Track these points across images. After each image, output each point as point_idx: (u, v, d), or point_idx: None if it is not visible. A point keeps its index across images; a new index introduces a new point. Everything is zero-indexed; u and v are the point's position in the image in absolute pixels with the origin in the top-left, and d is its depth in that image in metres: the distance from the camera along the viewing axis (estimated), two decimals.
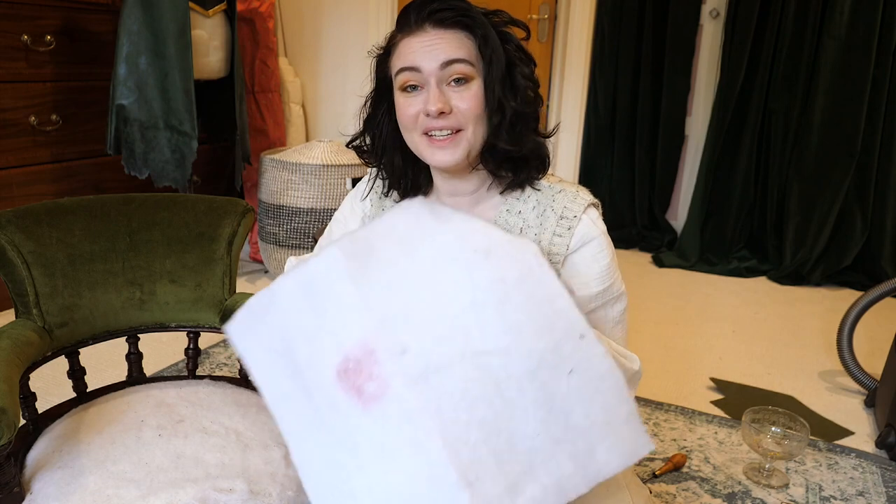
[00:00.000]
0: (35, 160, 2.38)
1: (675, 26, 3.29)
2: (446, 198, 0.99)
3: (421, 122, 0.89)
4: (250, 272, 2.94)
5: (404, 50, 0.89)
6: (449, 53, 0.86)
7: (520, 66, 0.90)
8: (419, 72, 0.87)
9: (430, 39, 0.87)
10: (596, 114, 3.55)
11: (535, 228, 0.94)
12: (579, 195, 0.94)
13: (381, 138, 0.98)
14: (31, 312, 1.13)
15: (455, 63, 0.86)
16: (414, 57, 0.87)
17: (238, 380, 1.27)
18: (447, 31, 0.87)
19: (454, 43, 0.87)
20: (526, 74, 0.91)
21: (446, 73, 0.87)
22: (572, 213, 0.92)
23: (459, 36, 0.87)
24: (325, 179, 2.60)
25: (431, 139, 0.89)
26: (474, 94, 0.88)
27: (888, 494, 1.55)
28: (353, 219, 1.10)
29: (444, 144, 0.88)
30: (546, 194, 0.95)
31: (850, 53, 2.93)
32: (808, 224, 3.13)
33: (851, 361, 2.01)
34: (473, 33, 0.88)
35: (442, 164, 0.90)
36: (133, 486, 0.90)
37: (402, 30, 0.90)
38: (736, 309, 2.77)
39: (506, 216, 0.96)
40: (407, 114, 0.90)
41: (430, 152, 0.90)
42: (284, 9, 3.26)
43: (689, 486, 1.54)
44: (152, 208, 1.25)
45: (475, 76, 0.88)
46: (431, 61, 0.86)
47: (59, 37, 2.37)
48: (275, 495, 0.93)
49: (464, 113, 0.88)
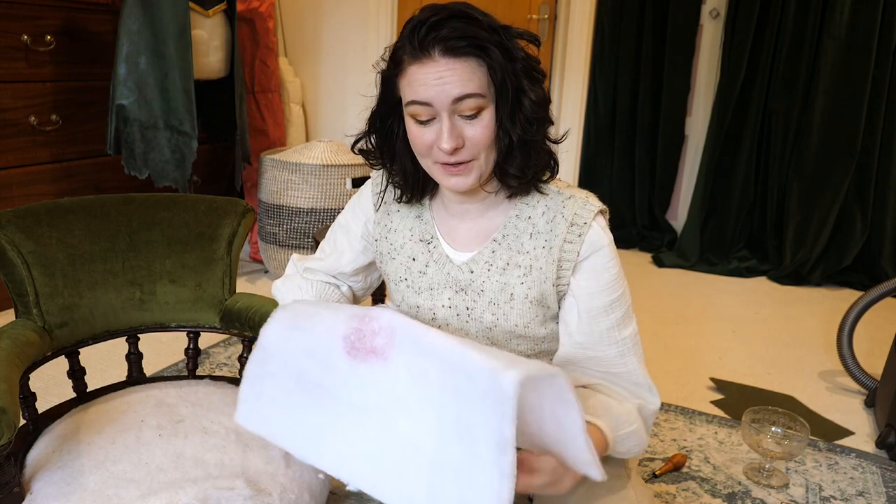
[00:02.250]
0: (35, 160, 2.38)
1: (675, 26, 3.29)
2: (456, 205, 0.99)
3: (435, 153, 0.88)
4: (250, 272, 2.94)
5: (414, 79, 0.86)
6: (461, 88, 0.84)
7: (527, 91, 0.88)
8: (431, 106, 0.86)
9: (440, 72, 0.84)
10: (596, 114, 3.55)
11: (544, 234, 0.94)
12: (589, 202, 0.94)
13: (390, 144, 0.97)
14: (31, 312, 1.13)
15: (468, 98, 0.85)
16: (425, 90, 0.85)
17: (238, 380, 1.27)
18: (457, 61, 0.84)
19: (465, 75, 0.84)
20: (534, 100, 0.88)
21: (458, 106, 0.85)
22: (583, 220, 0.92)
23: (471, 66, 0.84)
24: (325, 179, 2.60)
25: (445, 167, 0.89)
26: (486, 124, 0.87)
27: (888, 494, 1.55)
28: (355, 223, 1.10)
29: (457, 171, 0.89)
30: (555, 200, 0.95)
31: (850, 53, 2.93)
32: (808, 224, 3.13)
33: (851, 361, 2.01)
34: (484, 61, 0.85)
35: (455, 189, 0.91)
36: (133, 486, 0.90)
37: (409, 51, 0.86)
38: (736, 309, 2.77)
39: (515, 221, 0.96)
40: (420, 143, 0.89)
41: (444, 178, 0.90)
42: (284, 9, 3.26)
43: (689, 486, 1.54)
44: (152, 208, 1.25)
45: (487, 105, 0.86)
46: (443, 96, 0.84)
47: (59, 37, 2.37)
48: (275, 495, 0.93)
49: (475, 143, 0.87)
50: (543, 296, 0.94)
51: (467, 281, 0.97)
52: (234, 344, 2.17)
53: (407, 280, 1.02)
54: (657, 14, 3.33)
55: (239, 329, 1.25)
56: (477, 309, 0.97)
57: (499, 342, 0.98)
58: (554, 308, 0.97)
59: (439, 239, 1.01)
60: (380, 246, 1.06)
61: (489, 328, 0.97)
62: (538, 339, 0.98)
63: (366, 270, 1.13)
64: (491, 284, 0.96)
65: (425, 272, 1.01)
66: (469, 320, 0.98)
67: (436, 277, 1.00)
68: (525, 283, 0.94)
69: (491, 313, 0.96)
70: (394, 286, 1.06)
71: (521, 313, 0.95)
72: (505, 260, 0.95)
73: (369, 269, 1.14)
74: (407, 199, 1.02)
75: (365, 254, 1.10)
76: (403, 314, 0.79)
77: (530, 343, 0.98)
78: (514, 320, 0.96)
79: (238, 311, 1.24)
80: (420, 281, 1.01)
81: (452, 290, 0.98)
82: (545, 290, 0.94)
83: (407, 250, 1.03)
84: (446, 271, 0.99)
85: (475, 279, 0.97)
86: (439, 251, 1.00)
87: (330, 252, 1.13)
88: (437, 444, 0.72)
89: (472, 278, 0.97)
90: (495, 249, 0.96)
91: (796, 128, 3.10)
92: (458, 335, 0.98)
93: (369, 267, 1.13)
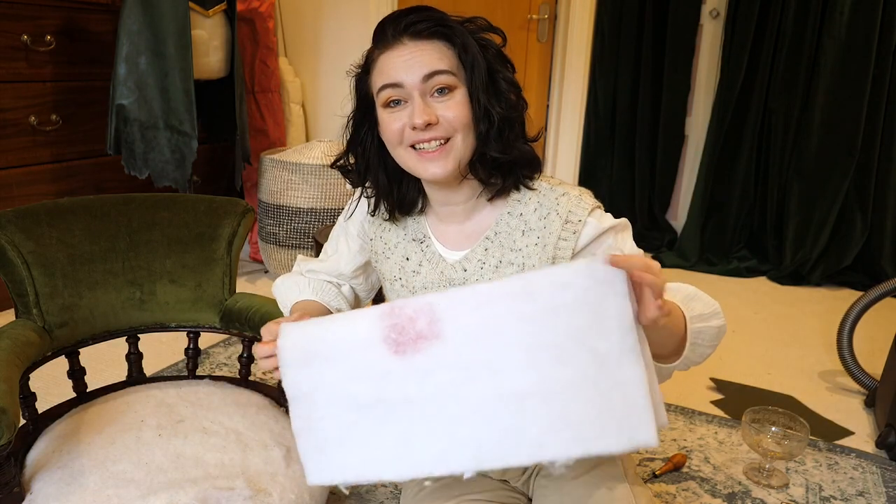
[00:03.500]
0: (35, 160, 2.38)
1: (675, 26, 3.29)
2: (440, 208, 0.99)
3: (407, 136, 0.88)
4: (250, 272, 2.94)
5: (384, 66, 0.88)
6: (430, 65, 0.86)
7: (501, 72, 0.90)
8: (401, 87, 0.87)
9: (410, 52, 0.86)
10: (596, 114, 3.55)
11: (537, 231, 0.93)
12: (582, 199, 0.93)
13: (364, 157, 0.97)
14: (31, 312, 1.13)
15: (437, 74, 0.86)
16: (395, 72, 0.86)
17: (238, 380, 1.27)
18: (425, 43, 0.87)
19: (434, 54, 0.86)
20: (508, 79, 0.90)
21: (429, 84, 0.86)
22: (577, 217, 0.91)
23: (438, 46, 0.87)
24: (325, 179, 2.60)
25: (420, 153, 0.88)
26: (459, 102, 0.87)
27: (888, 494, 1.55)
28: (352, 223, 1.10)
29: (434, 156, 0.88)
30: (548, 196, 0.94)
31: (850, 53, 2.92)
32: (808, 224, 3.13)
33: (851, 361, 2.01)
34: (452, 42, 0.87)
35: (433, 177, 0.90)
36: (133, 486, 0.90)
37: (379, 45, 0.89)
38: (736, 309, 2.77)
39: (507, 219, 0.96)
40: (392, 129, 0.89)
41: (421, 166, 0.89)
42: (284, 9, 3.26)
43: (689, 486, 1.54)
44: (152, 208, 1.25)
45: (458, 85, 0.88)
46: (413, 75, 0.86)
47: (59, 37, 2.37)
48: (275, 495, 0.93)
49: (451, 122, 0.87)
50: None
51: (460, 279, 0.97)
52: (234, 344, 2.17)
53: (401, 279, 1.03)
54: (657, 14, 3.33)
55: (239, 329, 1.25)
56: None
57: None
58: None
59: (432, 238, 1.01)
60: (374, 245, 1.07)
61: None
62: None
63: (365, 271, 1.14)
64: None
65: (419, 271, 1.01)
66: None
67: (429, 276, 1.00)
68: None
69: None
70: (389, 286, 1.06)
71: None
72: (497, 258, 0.95)
73: (368, 269, 1.14)
74: (386, 216, 1.01)
75: (362, 253, 1.10)
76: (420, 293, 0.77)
77: None
78: None
79: (238, 311, 1.24)
80: (414, 280, 1.01)
81: (446, 289, 0.99)
82: None
83: (401, 249, 1.03)
84: (440, 270, 0.99)
85: (468, 277, 0.97)
86: (432, 250, 1.00)
87: (332, 253, 1.13)
88: (541, 376, 0.69)
89: (465, 276, 0.97)
90: (488, 247, 0.96)
91: (796, 128, 3.10)
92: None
93: (368, 267, 1.13)
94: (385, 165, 0.97)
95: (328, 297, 1.09)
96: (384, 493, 1.44)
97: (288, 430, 1.08)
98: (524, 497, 1.07)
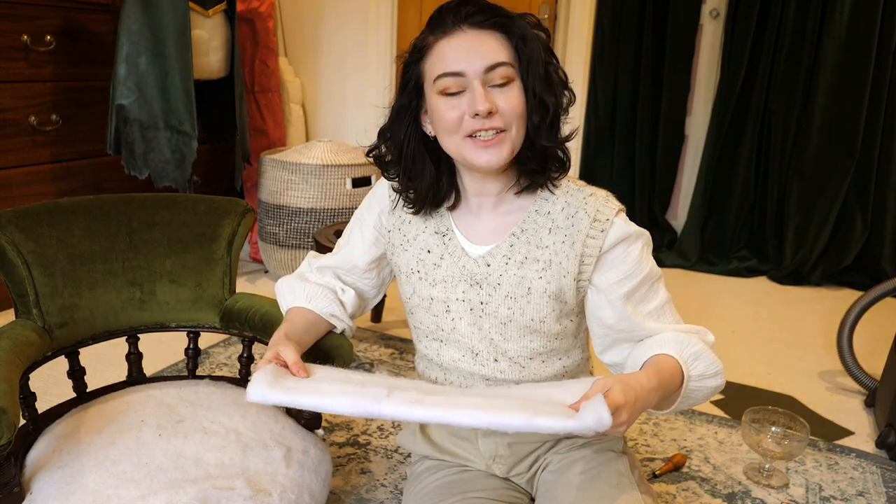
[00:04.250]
0: (35, 160, 2.38)
1: (675, 26, 3.29)
2: (473, 198, 0.99)
3: (466, 125, 0.88)
4: (250, 272, 2.94)
5: (443, 53, 0.88)
6: (493, 57, 0.87)
7: (554, 65, 0.92)
8: (462, 76, 0.87)
9: (471, 41, 0.87)
10: (596, 114, 3.55)
11: (564, 229, 0.94)
12: (609, 200, 0.95)
13: (406, 147, 0.97)
14: (31, 312, 1.13)
15: (499, 66, 0.87)
16: (455, 61, 0.87)
17: (238, 380, 1.27)
18: (485, 33, 0.88)
19: (494, 45, 0.87)
20: (561, 72, 0.92)
21: (490, 76, 0.87)
22: (605, 217, 0.93)
23: (498, 37, 0.88)
24: (325, 179, 2.60)
25: (476, 140, 0.89)
26: (516, 94, 0.88)
27: (888, 494, 1.55)
28: (369, 214, 1.10)
29: (489, 144, 0.89)
30: (576, 196, 0.95)
31: (850, 53, 2.92)
32: (808, 224, 3.13)
33: (851, 361, 2.01)
34: (510, 34, 0.88)
35: (487, 165, 0.90)
36: (133, 486, 0.90)
37: (436, 31, 0.89)
38: (736, 309, 2.77)
39: (535, 216, 0.96)
40: (449, 118, 0.89)
41: (475, 154, 0.90)
42: (284, 9, 3.27)
43: (689, 486, 1.54)
44: (152, 208, 1.25)
45: (515, 77, 0.89)
46: (475, 64, 0.86)
47: (59, 37, 2.37)
48: (275, 495, 0.93)
49: (508, 113, 0.88)
50: (562, 290, 0.95)
51: (483, 274, 0.97)
52: (234, 344, 2.17)
53: (420, 272, 1.02)
54: (657, 14, 3.33)
55: (239, 329, 1.25)
56: (492, 303, 0.97)
57: (512, 338, 0.98)
58: (571, 303, 0.97)
59: (455, 231, 1.01)
60: (392, 237, 1.06)
61: (503, 323, 0.97)
62: (551, 335, 0.98)
63: (378, 265, 1.13)
64: (508, 278, 0.96)
65: (440, 264, 1.01)
66: (483, 315, 0.98)
67: (450, 270, 1.00)
68: (544, 278, 0.94)
69: (507, 307, 0.96)
70: (404, 278, 1.06)
71: (538, 307, 0.95)
72: (523, 254, 0.96)
73: (381, 263, 1.13)
74: (416, 209, 1.01)
75: (377, 245, 1.10)
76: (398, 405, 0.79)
77: (543, 339, 0.98)
78: (530, 314, 0.96)
79: (238, 311, 1.24)
80: (434, 273, 1.01)
81: (467, 284, 0.99)
82: (564, 284, 0.94)
83: (420, 242, 1.03)
84: (461, 264, 0.99)
85: (492, 272, 0.97)
86: (455, 243, 1.00)
87: (344, 245, 1.13)
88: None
89: (489, 272, 0.97)
90: (514, 243, 0.96)
91: (796, 128, 3.10)
92: (471, 330, 0.99)
93: (381, 260, 1.12)
94: (432, 159, 0.97)
95: (322, 305, 1.09)
96: (384, 493, 1.44)
97: (288, 430, 1.08)
98: (527, 496, 1.08)
